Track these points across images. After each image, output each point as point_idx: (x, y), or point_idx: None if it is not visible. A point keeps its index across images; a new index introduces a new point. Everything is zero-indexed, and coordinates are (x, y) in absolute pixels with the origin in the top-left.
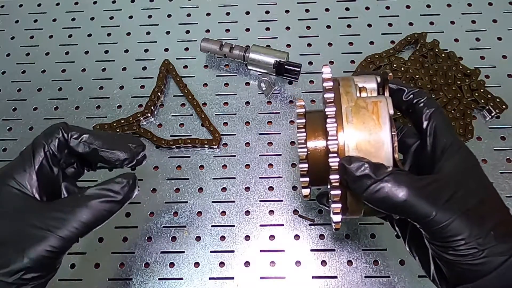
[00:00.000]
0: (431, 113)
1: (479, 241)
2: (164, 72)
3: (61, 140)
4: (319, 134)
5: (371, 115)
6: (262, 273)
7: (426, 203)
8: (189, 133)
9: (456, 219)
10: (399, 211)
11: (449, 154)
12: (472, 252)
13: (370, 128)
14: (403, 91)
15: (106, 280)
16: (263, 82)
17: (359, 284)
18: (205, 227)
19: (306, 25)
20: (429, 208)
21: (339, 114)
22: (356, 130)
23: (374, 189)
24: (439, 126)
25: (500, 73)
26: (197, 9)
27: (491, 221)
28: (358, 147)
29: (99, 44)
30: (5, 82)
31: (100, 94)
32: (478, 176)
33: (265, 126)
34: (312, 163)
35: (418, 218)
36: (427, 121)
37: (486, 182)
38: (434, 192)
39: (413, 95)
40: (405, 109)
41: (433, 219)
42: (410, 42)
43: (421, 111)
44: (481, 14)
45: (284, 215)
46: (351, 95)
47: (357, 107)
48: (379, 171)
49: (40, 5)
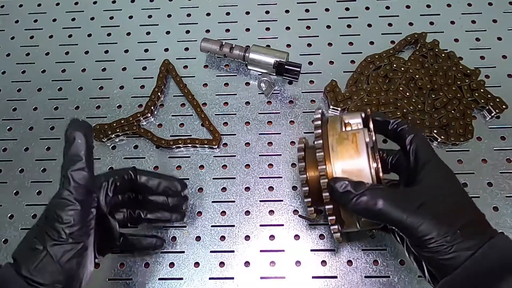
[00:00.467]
0: (412, 138)
1: (447, 239)
2: (164, 72)
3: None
4: (314, 164)
5: (351, 144)
6: (262, 273)
7: (398, 210)
8: (189, 133)
9: (425, 221)
10: (378, 218)
11: (427, 169)
12: (442, 248)
13: (351, 154)
14: (388, 123)
15: (106, 280)
16: (263, 82)
17: (359, 284)
18: (205, 227)
19: (306, 25)
20: (400, 214)
21: (326, 146)
22: (340, 157)
23: (356, 201)
24: (419, 147)
25: (500, 73)
26: (197, 9)
27: (459, 222)
28: (343, 171)
29: (99, 44)
30: (5, 82)
31: (100, 94)
32: (451, 183)
33: (265, 126)
34: (311, 186)
35: (393, 223)
36: (409, 145)
37: (459, 187)
38: (406, 201)
39: (396, 125)
40: (392, 137)
41: (405, 223)
42: (410, 42)
43: (404, 137)
44: (481, 14)
45: (284, 215)
46: (336, 130)
47: (340, 138)
48: (359, 187)
49: (40, 5)
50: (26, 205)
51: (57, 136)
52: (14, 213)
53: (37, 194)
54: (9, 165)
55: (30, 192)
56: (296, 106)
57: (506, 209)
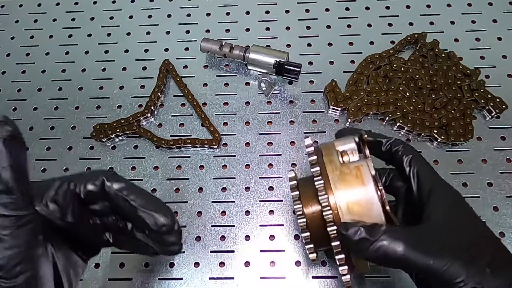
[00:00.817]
0: (410, 159)
1: (476, 279)
2: (164, 72)
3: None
4: (313, 203)
5: (356, 180)
6: (262, 273)
7: (421, 254)
8: (189, 133)
9: (452, 263)
10: (399, 265)
11: (435, 198)
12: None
13: (357, 191)
14: (381, 143)
15: (106, 280)
16: (263, 82)
17: (359, 284)
18: (205, 227)
19: (306, 25)
20: (425, 258)
21: (327, 184)
22: (345, 196)
23: (373, 249)
24: (420, 171)
25: (500, 73)
26: (197, 9)
27: (485, 258)
28: (350, 211)
29: (99, 44)
30: (5, 82)
31: (100, 94)
32: (466, 215)
33: (265, 126)
34: (313, 231)
35: (417, 269)
36: (408, 167)
37: (475, 219)
38: (428, 243)
39: (390, 145)
40: (387, 159)
41: (431, 267)
42: (410, 42)
43: (401, 159)
44: (481, 14)
45: (284, 215)
46: (334, 164)
47: (342, 174)
48: (374, 231)
49: (40, 5)
50: None
51: (57, 136)
52: None
53: None
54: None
55: None
56: (296, 106)
57: (506, 209)
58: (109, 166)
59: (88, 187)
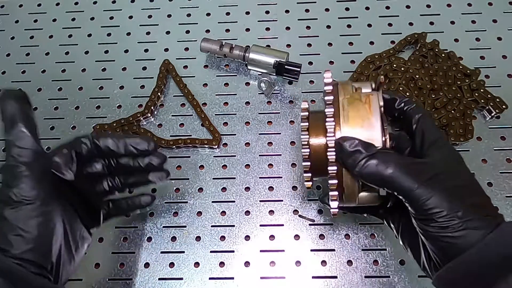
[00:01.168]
0: (419, 117)
1: (459, 214)
2: (164, 72)
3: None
4: (320, 134)
5: (364, 105)
6: (262, 273)
7: (409, 178)
8: (189, 133)
9: (436, 194)
10: (386, 184)
11: (435, 147)
12: (452, 223)
13: (363, 115)
14: (395, 100)
15: (106, 280)
16: (263, 82)
17: (359, 284)
18: (205, 227)
19: (306, 25)
20: (412, 183)
21: (336, 105)
22: (351, 117)
23: (365, 163)
24: (426, 127)
25: (500, 73)
26: (197, 9)
27: (470, 200)
28: (353, 131)
29: (99, 44)
30: (5, 82)
31: (100, 94)
32: (460, 166)
33: (265, 126)
34: (313, 161)
35: (402, 191)
36: (415, 124)
37: (468, 171)
38: (417, 170)
39: (403, 103)
40: (397, 116)
41: (415, 192)
42: (410, 42)
43: (410, 116)
44: (481, 14)
45: (284, 215)
46: (347, 90)
47: (352, 98)
48: (370, 148)
49: (40, 5)
50: None
51: (57, 136)
52: None
53: None
54: None
55: None
56: (296, 106)
57: (506, 209)
58: None
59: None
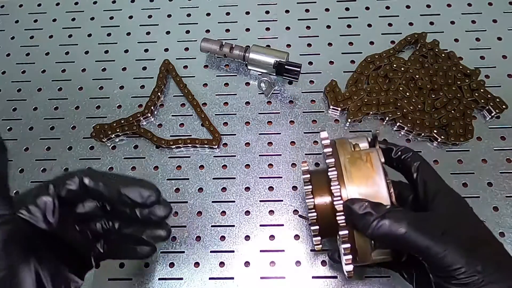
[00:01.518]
0: (419, 165)
1: (478, 268)
2: (164, 72)
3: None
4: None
5: (365, 163)
6: (262, 273)
7: (423, 235)
8: (189, 133)
9: (453, 249)
10: (400, 244)
11: (440, 197)
12: (473, 280)
13: (366, 174)
14: (391, 150)
15: (106, 280)
16: (263, 82)
17: (359, 284)
18: (205, 227)
19: (306, 25)
20: (427, 240)
21: (338, 167)
22: (355, 177)
23: (377, 225)
24: (427, 175)
25: (500, 73)
26: (197, 9)
27: (486, 251)
28: (359, 193)
29: (99, 44)
30: (5, 82)
31: (100, 94)
32: (469, 214)
33: (265, 126)
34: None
35: (418, 250)
36: (416, 172)
37: (477, 220)
38: (431, 227)
39: (400, 152)
40: (395, 165)
41: (432, 250)
42: (410, 42)
43: (409, 165)
44: (481, 14)
45: (284, 215)
46: (346, 150)
47: (353, 158)
48: (379, 208)
49: (40, 5)
50: None
51: (57, 136)
52: None
53: None
54: (9, 165)
55: None
56: (296, 106)
57: (506, 209)
58: (109, 166)
59: (67, 185)
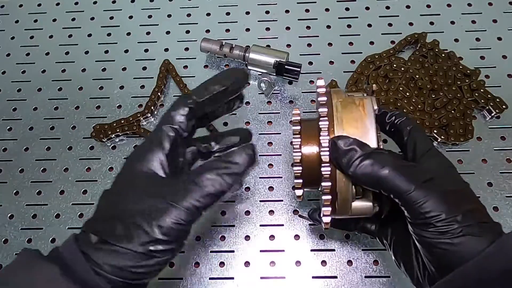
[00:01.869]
0: (411, 129)
1: (458, 219)
2: (164, 72)
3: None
4: (313, 142)
5: (357, 107)
6: (262, 273)
7: (405, 180)
8: None
9: (434, 197)
10: (381, 186)
11: (427, 156)
12: (451, 228)
13: (357, 116)
14: (386, 114)
15: None
16: (263, 82)
17: (359, 284)
18: (205, 227)
19: (306, 25)
20: (408, 184)
21: (329, 107)
22: (344, 120)
23: (360, 163)
24: (418, 137)
25: (500, 73)
26: (197, 9)
27: (468, 206)
28: (346, 131)
29: (99, 44)
30: (5, 82)
31: (100, 94)
32: (454, 173)
33: (265, 126)
34: (305, 169)
35: (398, 193)
36: (407, 136)
37: (463, 181)
38: (414, 172)
39: (394, 116)
40: (388, 129)
41: (411, 195)
42: (410, 42)
43: (402, 128)
44: (481, 14)
45: (284, 215)
46: (340, 95)
47: (345, 101)
48: (365, 147)
49: (40, 5)
50: (26, 205)
51: (57, 136)
52: (14, 213)
53: (37, 194)
54: (9, 165)
55: (30, 192)
56: (296, 106)
57: (506, 209)
58: (109, 166)
59: None
